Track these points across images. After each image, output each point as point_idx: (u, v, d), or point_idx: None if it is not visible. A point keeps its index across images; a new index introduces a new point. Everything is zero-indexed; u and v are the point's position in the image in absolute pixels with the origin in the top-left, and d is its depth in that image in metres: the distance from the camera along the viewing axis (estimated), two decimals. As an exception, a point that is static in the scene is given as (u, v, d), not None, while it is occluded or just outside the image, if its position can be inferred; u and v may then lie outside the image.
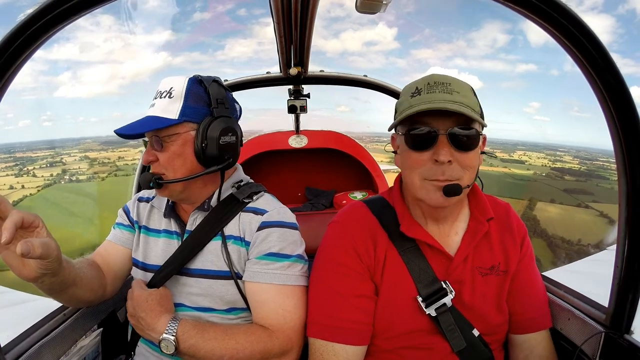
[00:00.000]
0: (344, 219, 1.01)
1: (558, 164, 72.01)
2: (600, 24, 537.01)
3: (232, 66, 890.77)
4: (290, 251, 1.01)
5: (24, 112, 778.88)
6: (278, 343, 0.94)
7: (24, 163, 59.51)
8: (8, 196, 44.62)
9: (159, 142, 0.99)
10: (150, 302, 0.96)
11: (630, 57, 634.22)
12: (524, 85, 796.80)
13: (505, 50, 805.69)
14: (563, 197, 55.07)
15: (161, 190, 1.02)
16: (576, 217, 49.75)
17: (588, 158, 72.90)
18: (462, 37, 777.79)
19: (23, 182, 52.32)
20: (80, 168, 61.94)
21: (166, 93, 0.99)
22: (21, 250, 0.69)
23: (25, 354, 0.92)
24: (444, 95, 0.86)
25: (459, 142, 0.86)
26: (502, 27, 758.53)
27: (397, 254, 0.95)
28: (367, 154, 3.01)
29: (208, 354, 0.91)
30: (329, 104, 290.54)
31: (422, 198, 0.90)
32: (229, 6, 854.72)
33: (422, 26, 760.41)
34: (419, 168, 0.88)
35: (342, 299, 0.92)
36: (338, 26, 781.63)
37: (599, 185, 62.34)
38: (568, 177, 67.41)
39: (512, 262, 0.98)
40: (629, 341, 0.87)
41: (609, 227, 45.37)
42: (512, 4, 0.69)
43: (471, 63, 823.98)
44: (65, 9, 0.62)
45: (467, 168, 0.88)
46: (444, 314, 0.92)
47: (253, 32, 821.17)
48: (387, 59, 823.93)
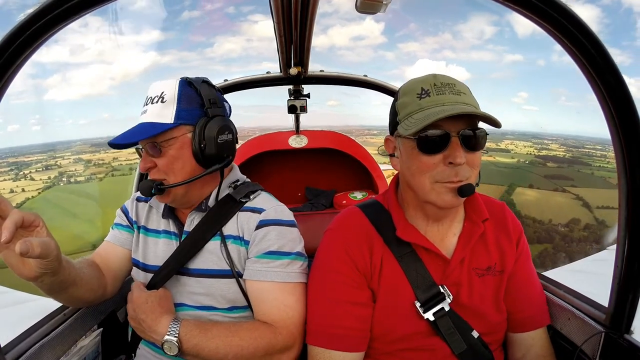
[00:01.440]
0: (339, 225, 1.01)
1: (544, 151, 72.24)
2: (586, 14, 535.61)
3: (222, 63, 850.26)
4: (290, 249, 1.01)
5: (12, 117, 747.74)
6: (281, 338, 0.94)
7: (20, 167, 59.85)
8: (10, 199, 45.06)
9: (156, 148, 0.98)
10: (150, 303, 0.96)
11: (617, 46, 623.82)
12: (511, 75, 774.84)
13: (493, 42, 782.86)
14: (543, 182, 55.97)
15: (163, 196, 1.02)
16: (551, 200, 50.79)
17: (575, 146, 73.10)
18: (448, 29, 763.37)
19: (22, 186, 52.68)
20: (76, 170, 62.31)
21: (158, 98, 0.98)
22: (20, 250, 0.69)
23: (25, 354, 0.92)
24: (455, 97, 0.86)
25: (470, 143, 0.85)
26: (489, 19, 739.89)
27: (393, 259, 0.95)
28: (367, 154, 3.01)
29: (212, 352, 0.91)
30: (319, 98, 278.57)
31: (433, 200, 0.89)
32: (218, 4, 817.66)
33: (409, 19, 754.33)
34: (430, 171, 0.87)
35: (339, 307, 0.92)
36: (326, 21, 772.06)
37: (580, 171, 63.35)
38: (550, 164, 67.90)
39: (509, 261, 0.98)
40: (629, 341, 0.87)
41: (581, 208, 47.33)
42: (511, 3, 0.69)
43: (459, 55, 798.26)
44: (65, 9, 0.62)
45: (474, 167, 0.88)
46: (442, 318, 0.91)
47: (242, 30, 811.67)
48: (375, 52, 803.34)
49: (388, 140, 0.98)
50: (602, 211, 47.36)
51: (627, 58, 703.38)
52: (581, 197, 50.58)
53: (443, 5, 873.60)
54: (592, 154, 66.55)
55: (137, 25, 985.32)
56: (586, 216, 47.71)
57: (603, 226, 44.82)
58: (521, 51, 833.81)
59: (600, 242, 38.35)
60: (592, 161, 64.57)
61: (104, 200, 47.13)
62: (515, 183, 53.91)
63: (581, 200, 50.15)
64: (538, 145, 73.94)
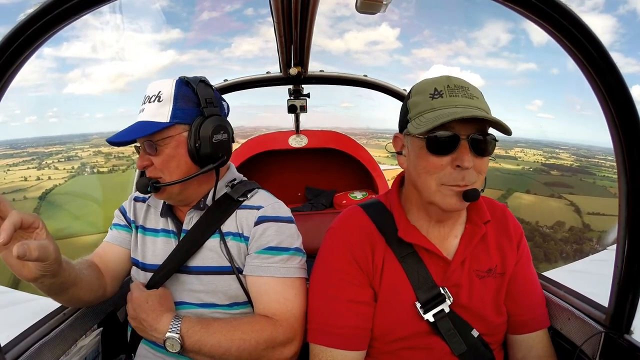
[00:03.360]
0: (342, 224, 1.01)
1: (552, 160, 72.46)
2: (601, 24, 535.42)
3: (239, 63, 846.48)
4: (289, 244, 1.02)
5: (30, 109, 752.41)
6: (282, 331, 0.95)
7: (41, 157, 60.33)
8: (38, 186, 45.99)
9: (152, 147, 0.99)
10: (151, 302, 0.96)
11: (632, 56, 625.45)
12: (526, 83, 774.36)
13: (508, 49, 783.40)
14: (541, 188, 56.62)
15: (159, 193, 1.03)
16: (544, 205, 51.69)
17: (586, 155, 73.29)
18: (464, 36, 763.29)
19: (48, 174, 53.28)
20: (97, 161, 62.80)
21: (155, 97, 0.99)
22: (17, 253, 0.68)
23: (25, 354, 0.92)
24: (468, 101, 0.85)
25: (479, 148, 0.85)
26: (504, 27, 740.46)
27: (395, 259, 0.94)
28: (367, 154, 3.01)
29: (214, 347, 0.91)
30: (333, 99, 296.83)
31: (437, 202, 0.88)
32: (237, 6, 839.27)
33: (424, 26, 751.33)
34: (437, 172, 0.86)
35: (340, 305, 0.92)
36: (343, 25, 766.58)
37: (583, 180, 64.12)
38: (554, 172, 68.29)
39: (509, 264, 0.98)
40: (629, 341, 0.87)
41: (571, 213, 48.72)
42: (512, 4, 0.69)
43: (474, 61, 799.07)
44: (65, 9, 0.62)
45: (481, 173, 0.87)
46: (442, 319, 0.91)
47: (260, 31, 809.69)
48: (391, 57, 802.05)
49: (397, 137, 0.98)
50: (590, 217, 48.54)
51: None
52: (575, 203, 51.80)
53: (459, 10, 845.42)
54: (601, 164, 66.87)
55: (157, 24, 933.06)
56: (573, 220, 48.84)
57: (587, 230, 45.95)
58: (535, 59, 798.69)
59: (580, 243, 40.76)
60: (597, 171, 64.96)
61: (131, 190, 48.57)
62: (513, 188, 54.50)
63: (574, 206, 51.42)
64: (548, 154, 74.12)
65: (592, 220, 47.50)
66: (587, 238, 44.02)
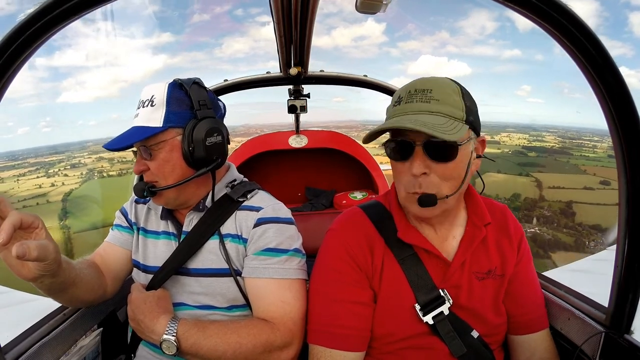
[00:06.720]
0: (341, 226, 1.01)
1: (535, 143, 72.77)
2: (585, 8, 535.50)
3: (229, 63, 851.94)
4: (288, 245, 1.02)
5: (22, 120, 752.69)
6: (280, 335, 0.94)
7: (45, 167, 61.03)
8: (55, 191, 46.80)
9: (147, 151, 0.99)
10: (149, 304, 0.96)
11: (618, 38, 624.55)
12: (514, 69, 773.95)
13: (494, 37, 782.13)
14: (514, 168, 58.26)
15: (156, 198, 1.03)
16: (510, 181, 54.16)
17: (574, 137, 73.54)
18: (450, 26, 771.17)
19: (60, 181, 54.12)
20: (103, 166, 63.57)
21: (148, 102, 0.99)
22: (16, 253, 0.68)
23: (25, 354, 0.92)
24: (421, 105, 0.84)
25: (436, 153, 0.83)
26: (489, 15, 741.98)
27: (394, 261, 0.94)
28: (367, 154, 3.01)
29: (210, 350, 0.91)
30: (325, 95, 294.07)
31: (406, 208, 0.91)
32: (227, 7, 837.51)
33: (410, 17, 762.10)
34: (402, 179, 0.88)
35: (340, 306, 0.92)
36: (330, 22, 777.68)
37: (557, 159, 65.63)
38: (531, 154, 69.04)
39: (509, 265, 0.98)
40: (629, 341, 0.87)
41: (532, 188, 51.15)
42: (509, 2, 0.69)
43: (462, 49, 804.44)
44: (65, 9, 0.62)
45: (447, 179, 0.85)
46: (442, 322, 0.91)
47: (250, 31, 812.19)
48: (380, 49, 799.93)
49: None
50: (549, 190, 51.08)
51: (629, 50, 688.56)
52: (539, 180, 53.92)
53: (444, 2, 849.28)
54: (584, 144, 67.33)
55: (148, 29, 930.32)
56: (532, 193, 51.13)
57: (541, 200, 48.66)
58: (521, 46, 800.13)
59: (530, 210, 44.61)
60: (577, 151, 65.73)
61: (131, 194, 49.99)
62: (485, 169, 55.96)
63: (537, 181, 53.70)
64: (533, 137, 74.54)
65: (549, 192, 50.45)
66: (539, 206, 47.07)
